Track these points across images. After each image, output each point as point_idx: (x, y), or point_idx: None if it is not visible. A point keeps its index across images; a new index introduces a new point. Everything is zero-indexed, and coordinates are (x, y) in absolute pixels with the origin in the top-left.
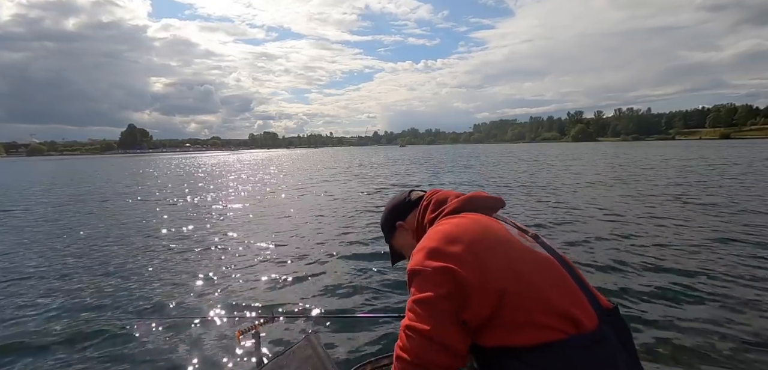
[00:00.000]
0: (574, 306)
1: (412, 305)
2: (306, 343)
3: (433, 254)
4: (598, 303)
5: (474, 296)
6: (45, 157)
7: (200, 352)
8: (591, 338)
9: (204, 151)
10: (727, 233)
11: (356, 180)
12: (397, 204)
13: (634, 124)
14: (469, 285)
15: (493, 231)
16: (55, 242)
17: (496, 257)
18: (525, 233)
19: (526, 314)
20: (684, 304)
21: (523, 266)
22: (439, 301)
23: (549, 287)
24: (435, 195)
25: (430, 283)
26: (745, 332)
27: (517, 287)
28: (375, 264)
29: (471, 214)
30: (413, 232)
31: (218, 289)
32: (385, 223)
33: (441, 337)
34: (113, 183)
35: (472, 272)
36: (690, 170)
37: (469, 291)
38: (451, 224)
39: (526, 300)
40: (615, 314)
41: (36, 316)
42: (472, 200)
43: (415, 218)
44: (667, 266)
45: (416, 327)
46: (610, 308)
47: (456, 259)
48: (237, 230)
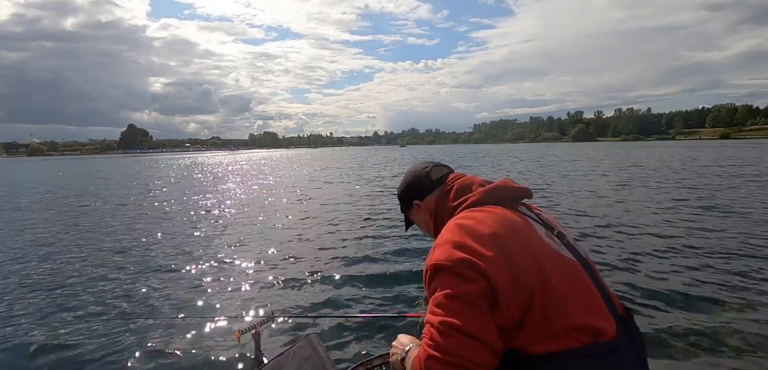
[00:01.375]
0: (593, 316)
1: (443, 301)
2: (306, 343)
3: (461, 248)
4: (615, 309)
5: (504, 298)
6: (45, 158)
7: (200, 352)
8: (606, 348)
9: (204, 152)
10: (743, 238)
11: (356, 180)
12: (415, 182)
13: (634, 124)
14: (499, 285)
15: (520, 229)
16: (55, 241)
17: (524, 257)
18: (551, 231)
19: (546, 322)
20: (696, 310)
21: (549, 270)
22: (474, 296)
23: (572, 295)
24: (457, 181)
25: (462, 278)
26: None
27: (543, 292)
28: (375, 264)
29: (495, 208)
30: (431, 214)
31: (218, 289)
32: (402, 197)
33: (482, 333)
34: (114, 183)
35: (502, 272)
36: (705, 170)
37: (499, 292)
38: (476, 218)
39: (549, 307)
40: (630, 321)
41: (36, 316)
42: (498, 190)
43: (433, 201)
44: (679, 269)
45: (452, 323)
46: (625, 314)
47: (486, 257)
48: (237, 231)
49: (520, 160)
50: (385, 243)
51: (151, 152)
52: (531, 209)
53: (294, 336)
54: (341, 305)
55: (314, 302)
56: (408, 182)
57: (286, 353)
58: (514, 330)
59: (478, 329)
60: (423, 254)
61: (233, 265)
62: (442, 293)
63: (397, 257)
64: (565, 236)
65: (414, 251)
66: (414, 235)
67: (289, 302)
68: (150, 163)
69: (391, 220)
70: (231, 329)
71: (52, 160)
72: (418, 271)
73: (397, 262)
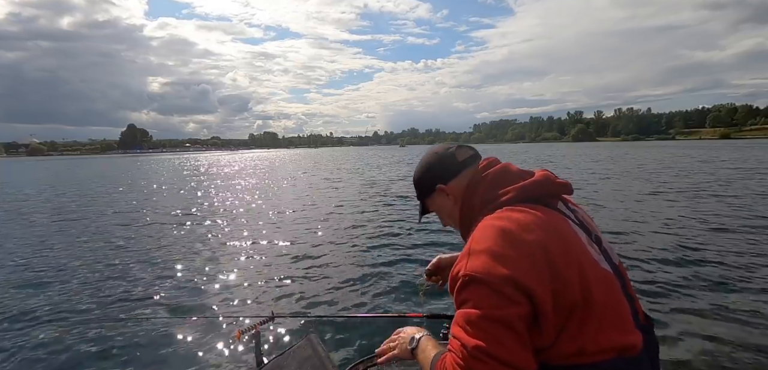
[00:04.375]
0: (624, 334)
1: (478, 321)
2: (306, 343)
3: (504, 263)
4: (639, 320)
5: (546, 318)
6: (45, 157)
7: (200, 352)
8: (630, 362)
9: (204, 151)
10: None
11: (356, 181)
12: (440, 163)
13: (634, 124)
14: (544, 307)
15: (567, 238)
16: (55, 241)
17: (572, 274)
18: (589, 234)
19: (578, 339)
20: (711, 317)
21: (593, 286)
22: (514, 319)
23: (608, 312)
24: (492, 167)
25: (503, 297)
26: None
27: (584, 309)
28: (375, 264)
29: (538, 209)
30: (457, 200)
31: (218, 289)
32: (422, 182)
33: (520, 361)
34: (114, 183)
35: (547, 290)
36: (712, 170)
37: (542, 313)
38: (520, 223)
39: (586, 324)
40: (650, 331)
41: (35, 315)
42: (540, 185)
43: (461, 185)
44: (693, 274)
45: (487, 350)
46: (646, 323)
47: (533, 275)
48: (237, 231)
49: (520, 160)
50: (385, 243)
51: (151, 152)
52: (567, 203)
53: (294, 336)
54: (341, 305)
55: (314, 302)
56: (430, 164)
57: (286, 353)
58: (545, 347)
59: (515, 358)
60: (423, 254)
61: (233, 265)
62: (476, 311)
63: (398, 257)
64: (601, 241)
65: (414, 250)
66: (414, 235)
67: (289, 302)
68: (150, 163)
69: (392, 220)
70: (231, 329)
71: (53, 160)
72: (418, 271)
73: (397, 262)
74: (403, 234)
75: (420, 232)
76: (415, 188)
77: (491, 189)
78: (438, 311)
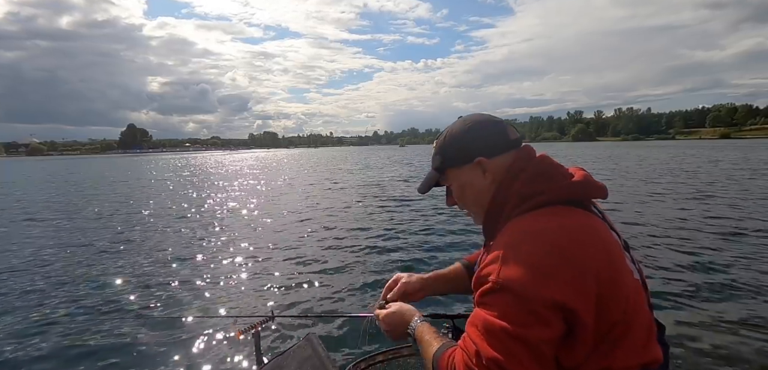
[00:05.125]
0: (648, 349)
1: (502, 335)
2: (306, 343)
3: (549, 281)
4: (661, 333)
5: (582, 339)
6: (45, 157)
7: (200, 352)
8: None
9: (204, 151)
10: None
11: (356, 181)
12: (489, 132)
13: (634, 124)
14: (582, 328)
15: (613, 251)
16: (55, 242)
17: (616, 290)
18: (619, 239)
19: (608, 356)
20: (716, 324)
21: (632, 300)
22: (543, 344)
23: (639, 325)
24: (533, 159)
25: (538, 318)
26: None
27: (623, 325)
28: (375, 264)
29: (582, 214)
30: (494, 181)
31: (218, 289)
32: (459, 147)
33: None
34: (114, 182)
35: (591, 310)
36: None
37: (580, 333)
38: (569, 231)
39: (620, 340)
40: (666, 343)
41: (36, 315)
42: (582, 186)
43: (503, 166)
44: (698, 278)
45: (504, 366)
46: (659, 329)
47: (578, 295)
48: (237, 230)
49: None
50: (385, 243)
51: (151, 152)
52: (595, 205)
53: (294, 336)
54: (341, 305)
55: (314, 302)
56: (475, 130)
57: (286, 353)
58: (571, 367)
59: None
60: (424, 253)
61: (233, 265)
62: (501, 323)
63: (398, 257)
64: (628, 248)
65: (415, 250)
66: (414, 235)
67: (289, 302)
68: (150, 163)
69: (392, 220)
70: (231, 329)
71: (53, 160)
72: (418, 271)
73: (398, 262)
74: (404, 234)
75: (420, 232)
76: (440, 152)
77: (530, 183)
78: (437, 311)
